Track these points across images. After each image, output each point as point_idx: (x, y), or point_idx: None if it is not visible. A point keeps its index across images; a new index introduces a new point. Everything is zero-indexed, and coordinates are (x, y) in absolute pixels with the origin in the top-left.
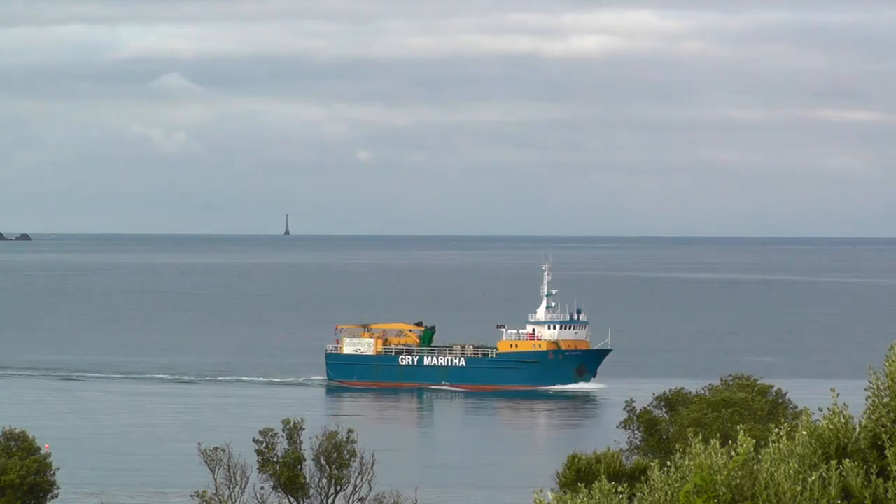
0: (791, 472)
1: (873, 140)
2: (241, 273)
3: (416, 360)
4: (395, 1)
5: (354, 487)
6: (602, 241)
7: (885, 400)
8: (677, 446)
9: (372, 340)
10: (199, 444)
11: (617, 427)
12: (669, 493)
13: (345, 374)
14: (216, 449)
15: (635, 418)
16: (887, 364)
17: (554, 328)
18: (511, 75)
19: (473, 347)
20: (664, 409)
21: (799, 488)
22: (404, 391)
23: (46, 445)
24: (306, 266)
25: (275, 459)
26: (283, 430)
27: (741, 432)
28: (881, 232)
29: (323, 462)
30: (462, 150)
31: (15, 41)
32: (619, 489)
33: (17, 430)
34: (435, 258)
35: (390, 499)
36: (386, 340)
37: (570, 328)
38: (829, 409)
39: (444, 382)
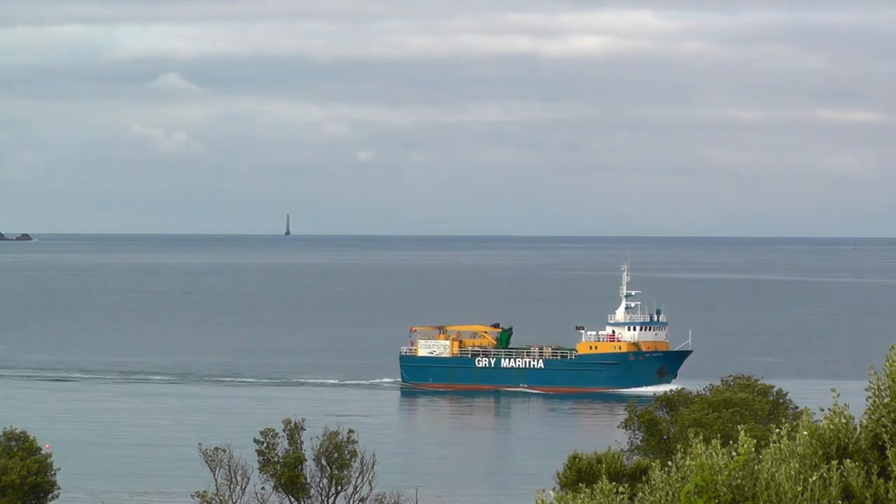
0: (792, 472)
1: (873, 140)
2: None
3: (492, 361)
4: (394, 1)
5: (355, 487)
6: (602, 242)
7: (886, 400)
8: (678, 446)
9: (447, 342)
10: (199, 443)
11: (618, 427)
12: (670, 493)
13: (420, 376)
14: (216, 449)
15: (636, 418)
16: (887, 364)
17: (634, 329)
18: (510, 75)
19: (552, 349)
20: (665, 410)
21: (800, 488)
22: (481, 393)
23: (47, 446)
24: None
25: (275, 459)
26: (284, 431)
27: (742, 432)
28: (881, 232)
29: (324, 462)
30: (462, 150)
31: (14, 41)
32: (620, 489)
33: (17, 431)
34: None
35: (391, 499)
36: (461, 342)
37: (650, 329)
38: (829, 410)
39: (521, 385)
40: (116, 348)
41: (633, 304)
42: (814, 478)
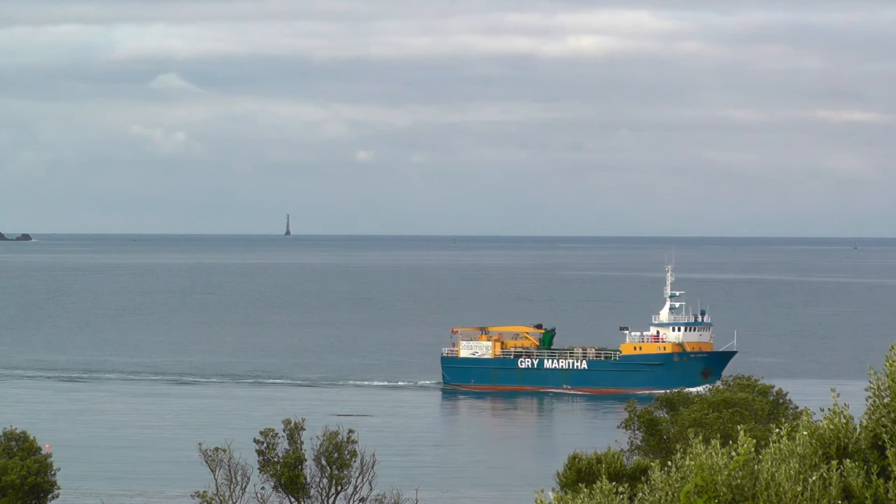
0: (792, 472)
1: (872, 140)
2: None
3: (535, 363)
4: (392, 1)
5: (355, 488)
6: (602, 242)
7: (886, 400)
8: (678, 446)
9: (490, 343)
10: (199, 443)
11: (618, 427)
12: (670, 493)
13: (462, 377)
14: (216, 449)
15: (636, 418)
16: (887, 364)
17: (678, 330)
18: (509, 76)
19: (595, 350)
20: (665, 410)
21: (800, 488)
22: (523, 395)
23: (47, 446)
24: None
25: (275, 460)
26: (284, 431)
27: (742, 432)
28: (881, 232)
29: (324, 462)
30: (461, 151)
31: (12, 41)
32: (620, 489)
33: (17, 431)
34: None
35: (391, 499)
36: (503, 343)
37: (694, 330)
38: (829, 410)
39: (565, 386)
40: (117, 348)
41: (677, 305)
42: (814, 478)
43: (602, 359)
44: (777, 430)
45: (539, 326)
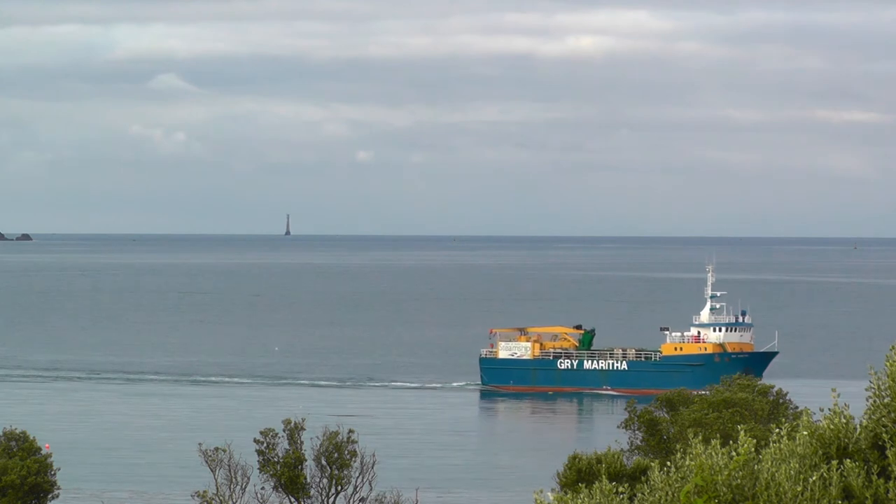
0: (792, 472)
1: (872, 140)
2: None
3: (575, 363)
4: (391, 1)
5: (355, 488)
6: (601, 242)
7: (886, 400)
8: (678, 446)
9: (529, 344)
10: (199, 443)
11: (618, 427)
12: (670, 493)
13: (500, 378)
14: (217, 449)
15: (636, 418)
16: (888, 364)
17: (719, 330)
18: (509, 76)
19: (635, 350)
20: (665, 410)
21: (800, 488)
22: (563, 396)
23: (47, 445)
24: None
25: (275, 460)
26: (284, 431)
27: (742, 432)
28: (881, 232)
29: (324, 462)
30: (461, 151)
31: (11, 41)
32: (620, 489)
33: (17, 431)
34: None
35: (391, 499)
36: (541, 344)
37: (735, 330)
38: (829, 410)
39: (604, 387)
40: (118, 348)
41: (717, 305)
42: (814, 478)
43: (642, 359)
44: (777, 430)
45: (579, 327)
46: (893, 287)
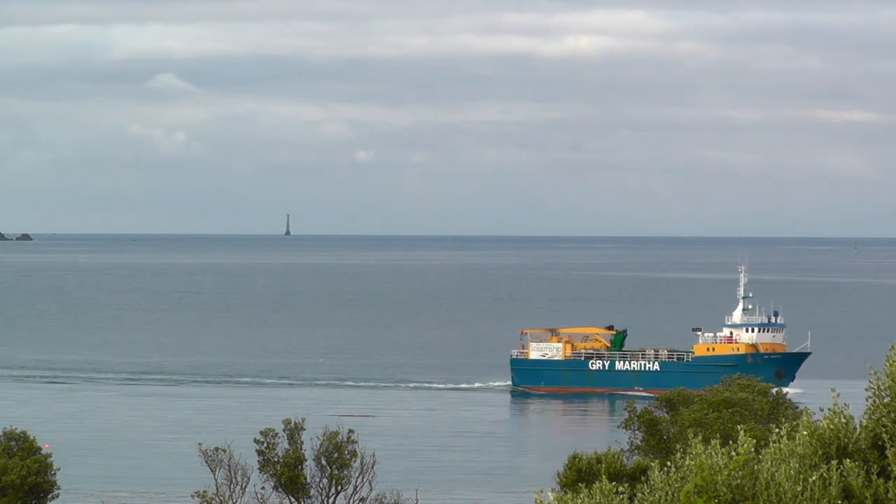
0: (792, 472)
1: (872, 140)
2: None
3: (607, 364)
4: (391, 1)
5: (355, 487)
6: (601, 242)
7: (886, 400)
8: (678, 446)
9: (560, 345)
10: (199, 443)
11: (618, 427)
12: (670, 493)
13: (531, 379)
14: (217, 449)
15: (636, 418)
16: (887, 364)
17: (752, 331)
18: (508, 76)
19: (667, 351)
20: (665, 410)
21: (799, 488)
22: (594, 397)
23: (47, 445)
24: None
25: (275, 459)
26: (284, 431)
27: (742, 432)
28: (881, 232)
29: (324, 462)
30: (461, 151)
31: (9, 41)
32: (620, 489)
33: (17, 431)
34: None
35: (391, 499)
36: (573, 345)
37: (767, 331)
38: (829, 410)
39: (637, 388)
40: (117, 348)
41: (750, 306)
42: (814, 478)
43: (674, 360)
44: (777, 430)
45: (610, 328)
46: (893, 287)
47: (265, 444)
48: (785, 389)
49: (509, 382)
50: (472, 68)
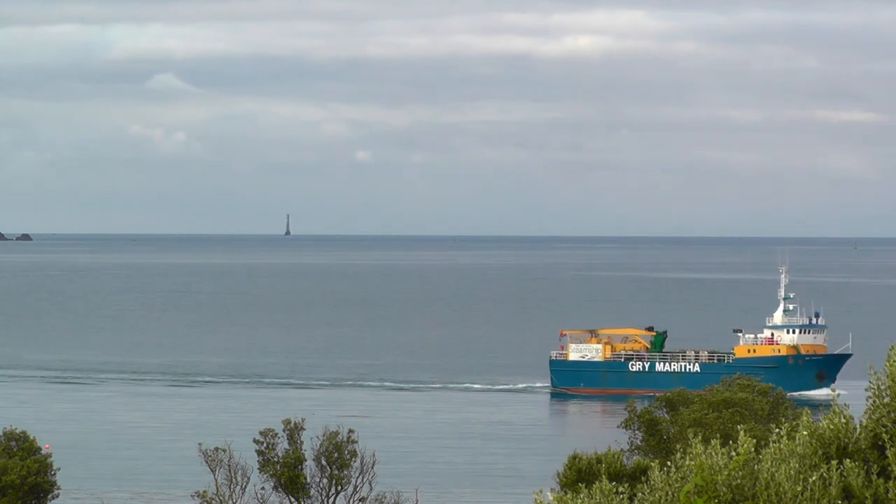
0: (792, 472)
1: (872, 140)
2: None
3: (646, 366)
4: (391, 1)
5: (355, 487)
6: (601, 242)
7: (886, 400)
8: (678, 446)
9: (600, 346)
10: (199, 443)
11: (618, 427)
12: (670, 493)
13: (571, 380)
14: (217, 449)
15: (636, 418)
16: (887, 364)
17: (793, 332)
18: (508, 76)
19: (708, 353)
20: (665, 410)
21: (799, 488)
22: (634, 399)
23: (47, 446)
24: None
25: (275, 460)
26: (284, 431)
27: (742, 432)
28: (881, 232)
29: (324, 462)
30: (461, 151)
31: (11, 41)
32: (620, 489)
33: (17, 431)
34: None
35: (391, 499)
36: (612, 346)
37: (809, 332)
38: (829, 409)
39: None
40: (118, 348)
41: (791, 307)
42: (814, 478)
43: (715, 362)
44: (777, 430)
45: (650, 329)
46: (893, 287)
47: (265, 445)
48: (827, 391)
49: (549, 384)
50: (471, 68)
